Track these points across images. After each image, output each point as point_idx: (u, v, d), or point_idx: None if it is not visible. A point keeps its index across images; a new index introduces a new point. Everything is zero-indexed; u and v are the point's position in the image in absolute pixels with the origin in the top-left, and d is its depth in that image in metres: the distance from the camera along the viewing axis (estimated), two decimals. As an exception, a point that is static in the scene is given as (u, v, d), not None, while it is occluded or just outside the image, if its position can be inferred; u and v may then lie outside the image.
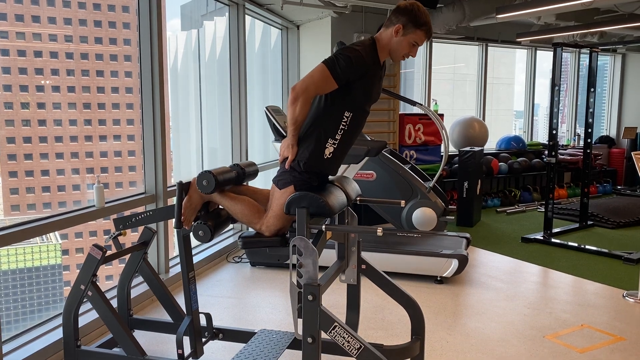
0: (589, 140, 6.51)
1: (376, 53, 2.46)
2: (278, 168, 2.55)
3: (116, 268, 4.54)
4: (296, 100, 2.34)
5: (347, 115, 2.45)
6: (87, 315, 3.38)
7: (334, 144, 2.47)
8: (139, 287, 3.95)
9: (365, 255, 2.89)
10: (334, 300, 3.98)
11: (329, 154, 2.47)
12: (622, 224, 6.86)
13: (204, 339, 3.03)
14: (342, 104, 2.43)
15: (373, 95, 2.54)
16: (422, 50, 8.22)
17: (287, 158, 2.45)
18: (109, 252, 2.81)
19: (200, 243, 4.94)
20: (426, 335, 2.98)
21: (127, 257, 3.15)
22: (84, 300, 2.76)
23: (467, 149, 7.00)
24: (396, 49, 2.46)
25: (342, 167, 4.62)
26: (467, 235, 5.16)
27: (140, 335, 3.27)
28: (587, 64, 6.57)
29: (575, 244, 5.87)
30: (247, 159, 5.69)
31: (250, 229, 2.66)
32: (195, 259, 4.76)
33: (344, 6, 5.97)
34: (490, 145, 8.87)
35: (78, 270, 2.75)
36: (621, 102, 10.64)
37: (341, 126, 2.46)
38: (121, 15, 4.76)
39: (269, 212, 2.54)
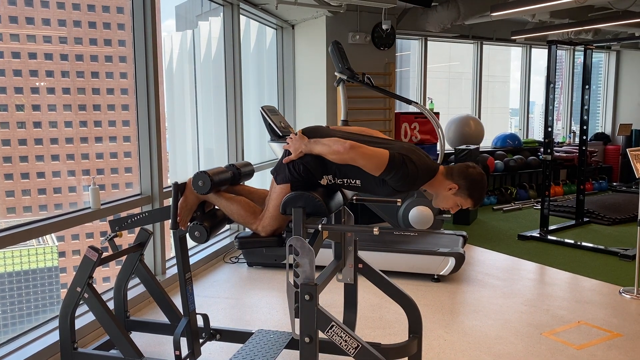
0: (584, 137, 6.52)
1: (425, 183, 2.43)
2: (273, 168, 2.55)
3: (113, 270, 4.53)
4: (340, 155, 2.30)
5: (356, 183, 2.45)
6: (84, 318, 3.38)
7: (330, 181, 2.48)
8: (135, 288, 3.95)
9: (362, 254, 2.90)
10: (331, 299, 3.99)
11: (324, 183, 2.49)
12: (618, 221, 6.88)
13: (201, 340, 3.02)
14: (364, 176, 2.40)
15: (388, 195, 2.53)
16: (417, 48, 8.23)
17: (289, 155, 2.45)
18: (105, 254, 2.80)
19: (196, 244, 4.96)
20: (424, 333, 2.99)
21: (124, 258, 3.14)
22: (81, 302, 2.75)
23: (463, 147, 7.00)
24: (442, 200, 2.46)
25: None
26: (464, 233, 5.17)
27: (137, 337, 3.26)
28: (582, 61, 6.59)
29: (572, 241, 5.89)
30: (242, 159, 5.69)
31: (247, 229, 2.65)
32: (192, 260, 4.76)
33: (339, 5, 5.97)
34: (486, 143, 8.89)
35: (74, 272, 2.75)
36: (616, 99, 10.67)
37: (345, 181, 2.46)
38: (115, 17, 4.75)
39: (265, 212, 2.54)
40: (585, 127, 6.52)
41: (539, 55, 9.76)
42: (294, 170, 2.43)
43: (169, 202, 2.76)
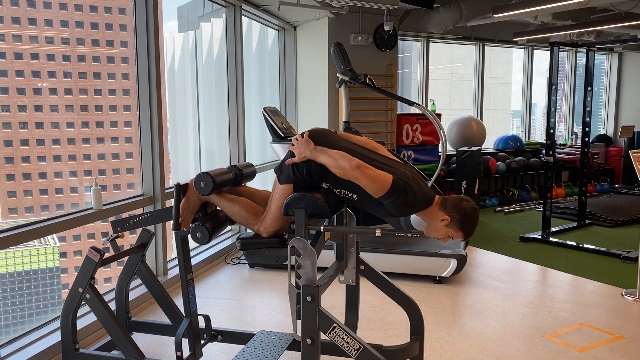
0: (586, 139, 6.51)
1: (421, 211, 2.44)
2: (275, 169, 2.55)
3: (114, 270, 4.53)
4: (344, 171, 2.32)
5: (353, 197, 2.46)
6: (86, 318, 3.38)
7: (329, 187, 2.50)
8: (137, 289, 3.95)
9: (363, 255, 2.89)
10: (332, 301, 3.98)
11: (324, 187, 2.51)
12: (620, 223, 6.86)
13: (202, 341, 3.02)
14: (362, 192, 2.41)
15: (382, 216, 2.55)
16: (419, 50, 8.23)
17: (293, 156, 2.45)
18: (107, 255, 2.80)
19: (198, 245, 4.96)
20: (425, 335, 2.98)
21: (125, 259, 3.14)
22: (82, 303, 2.75)
23: (465, 148, 7.00)
24: (433, 229, 2.46)
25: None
26: (466, 235, 5.15)
27: (138, 338, 3.26)
28: (584, 63, 6.58)
29: (574, 243, 5.88)
30: (244, 160, 5.69)
31: (249, 230, 2.65)
32: (194, 261, 4.75)
33: (341, 7, 5.97)
34: (488, 145, 8.88)
35: (76, 273, 2.75)
36: (618, 100, 10.65)
37: (343, 192, 2.47)
38: (118, 18, 4.75)
39: (267, 213, 2.54)
40: (587, 129, 6.51)
41: (541, 57, 9.75)
42: (298, 172, 2.43)
43: (170, 203, 2.75)
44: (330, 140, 2.49)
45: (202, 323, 3.05)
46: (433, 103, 7.81)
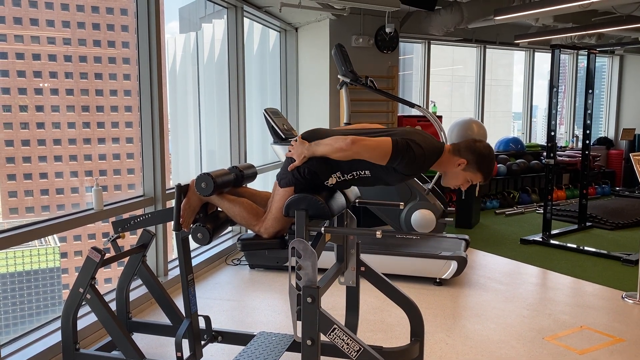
0: (587, 142, 6.51)
1: (434, 163, 2.42)
2: (277, 170, 2.55)
3: (115, 271, 4.53)
4: (344, 152, 2.31)
5: (366, 174, 2.44)
6: (86, 318, 3.38)
7: (339, 178, 2.47)
8: (137, 289, 3.95)
9: (364, 257, 2.89)
10: (333, 302, 3.98)
11: (330, 184, 2.48)
12: (620, 225, 6.86)
13: (203, 342, 3.02)
14: (372, 166, 2.40)
15: (399, 182, 2.53)
16: (420, 52, 8.24)
17: (292, 160, 2.45)
18: (107, 255, 2.80)
19: (199, 245, 4.96)
20: (425, 337, 2.98)
21: (126, 259, 3.14)
22: (83, 303, 2.75)
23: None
24: (451, 177, 2.46)
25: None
26: (466, 237, 5.16)
27: (139, 338, 3.26)
28: (585, 65, 6.58)
29: (574, 246, 5.88)
30: (245, 162, 5.69)
31: (249, 231, 2.65)
32: (194, 262, 4.76)
33: (342, 9, 5.98)
34: (489, 147, 8.86)
35: (77, 273, 2.75)
36: (619, 103, 10.66)
37: (354, 174, 2.45)
38: (119, 18, 4.76)
39: (268, 214, 2.54)
40: (588, 132, 6.51)
41: (542, 59, 9.75)
42: (298, 174, 2.43)
43: (171, 203, 2.75)
44: (322, 134, 2.49)
45: (202, 324, 3.05)
46: (434, 105, 7.81)
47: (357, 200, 2.86)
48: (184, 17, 6.62)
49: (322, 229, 2.41)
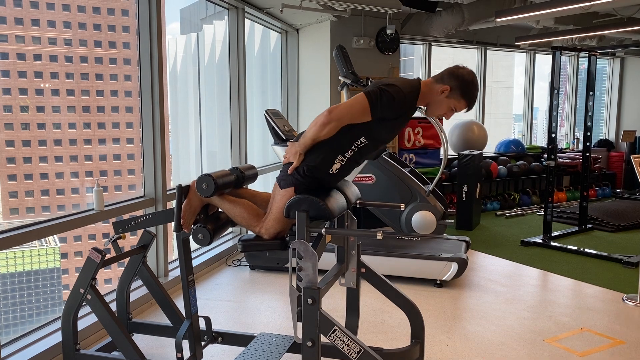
0: (588, 144, 6.51)
1: (417, 98, 2.45)
2: (277, 171, 2.55)
3: (115, 271, 4.53)
4: (328, 124, 2.35)
5: (363, 140, 2.45)
6: (86, 319, 3.38)
7: (342, 160, 2.48)
8: (138, 290, 3.95)
9: (364, 258, 2.89)
10: (333, 303, 3.98)
11: (335, 170, 2.49)
12: (621, 227, 6.86)
13: (203, 343, 3.02)
14: (364, 129, 2.42)
15: (395, 133, 2.55)
16: (421, 53, 8.24)
17: (291, 163, 2.45)
18: (108, 256, 2.80)
19: (199, 246, 4.96)
20: (426, 338, 2.98)
21: (127, 260, 3.14)
22: (83, 303, 2.75)
23: (467, 152, 7.00)
24: (435, 106, 2.47)
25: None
26: (467, 238, 5.16)
27: (139, 339, 3.26)
28: (586, 67, 6.58)
29: (575, 248, 5.87)
30: (246, 162, 5.69)
31: (250, 232, 2.65)
32: (195, 263, 4.75)
33: (344, 10, 5.98)
34: (490, 149, 8.88)
35: (77, 274, 2.75)
36: (620, 105, 10.66)
37: (354, 147, 2.46)
38: (120, 19, 4.76)
39: (268, 215, 2.54)
40: (589, 134, 6.51)
41: (543, 61, 9.75)
42: (298, 174, 2.43)
43: (172, 204, 2.75)
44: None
45: (202, 325, 3.05)
46: (435, 106, 7.80)
47: (357, 202, 2.86)
48: (185, 18, 6.63)
49: (323, 230, 2.41)
